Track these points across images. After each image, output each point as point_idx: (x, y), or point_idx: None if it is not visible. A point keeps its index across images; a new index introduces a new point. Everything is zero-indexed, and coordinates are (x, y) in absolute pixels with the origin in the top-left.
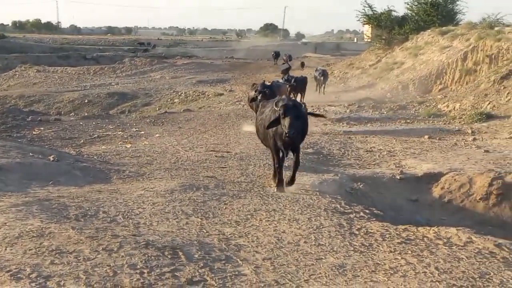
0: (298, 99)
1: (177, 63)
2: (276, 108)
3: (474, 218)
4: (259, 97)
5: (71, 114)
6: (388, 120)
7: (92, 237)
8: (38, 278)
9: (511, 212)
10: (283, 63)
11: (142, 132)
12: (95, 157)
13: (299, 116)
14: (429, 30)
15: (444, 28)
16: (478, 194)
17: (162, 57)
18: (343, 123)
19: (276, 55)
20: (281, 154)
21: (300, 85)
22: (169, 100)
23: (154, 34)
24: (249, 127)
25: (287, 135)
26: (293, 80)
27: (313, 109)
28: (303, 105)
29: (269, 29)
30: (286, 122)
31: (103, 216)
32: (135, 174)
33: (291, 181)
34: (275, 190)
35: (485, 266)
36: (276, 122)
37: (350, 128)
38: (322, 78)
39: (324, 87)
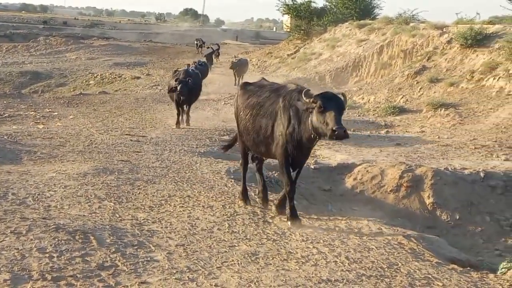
0: None
1: (93, 44)
2: (306, 99)
3: (384, 209)
4: (178, 88)
5: None
6: None
7: (0, 219)
8: None
9: (420, 204)
10: (208, 47)
11: (56, 113)
12: (5, 137)
13: (342, 110)
14: (347, 23)
15: (361, 21)
16: (389, 186)
17: (78, 37)
18: None
19: (201, 43)
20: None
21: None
22: (84, 81)
23: (70, 14)
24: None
25: (335, 133)
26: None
27: (230, 96)
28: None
29: (189, 14)
30: (330, 117)
31: (12, 198)
32: (47, 156)
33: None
34: (289, 224)
35: (394, 256)
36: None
37: None
38: (237, 68)
39: (241, 78)
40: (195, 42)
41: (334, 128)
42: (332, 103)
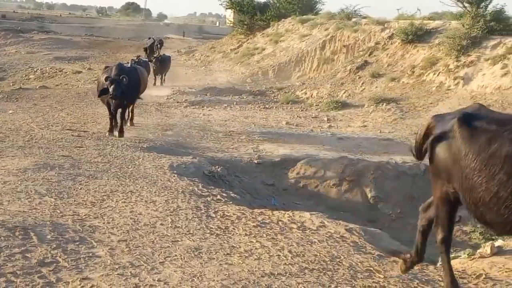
0: None
1: (33, 37)
2: None
3: (327, 203)
4: (111, 90)
5: None
6: (247, 105)
7: None
8: None
9: (362, 198)
10: (149, 38)
11: None
12: None
13: None
14: (289, 18)
15: (304, 16)
16: (332, 180)
17: (17, 30)
18: (203, 106)
19: (157, 42)
20: None
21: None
22: (24, 76)
23: (9, 7)
24: None
25: None
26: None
27: (173, 91)
28: None
29: (131, 8)
30: None
31: None
32: None
33: None
34: None
35: (336, 250)
36: None
37: (210, 112)
38: (157, 65)
39: (162, 77)
40: (148, 40)
41: None
42: None
